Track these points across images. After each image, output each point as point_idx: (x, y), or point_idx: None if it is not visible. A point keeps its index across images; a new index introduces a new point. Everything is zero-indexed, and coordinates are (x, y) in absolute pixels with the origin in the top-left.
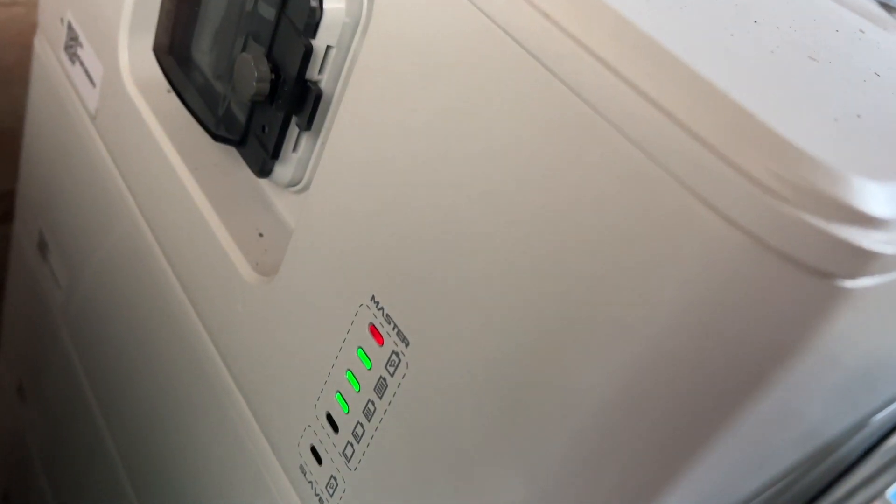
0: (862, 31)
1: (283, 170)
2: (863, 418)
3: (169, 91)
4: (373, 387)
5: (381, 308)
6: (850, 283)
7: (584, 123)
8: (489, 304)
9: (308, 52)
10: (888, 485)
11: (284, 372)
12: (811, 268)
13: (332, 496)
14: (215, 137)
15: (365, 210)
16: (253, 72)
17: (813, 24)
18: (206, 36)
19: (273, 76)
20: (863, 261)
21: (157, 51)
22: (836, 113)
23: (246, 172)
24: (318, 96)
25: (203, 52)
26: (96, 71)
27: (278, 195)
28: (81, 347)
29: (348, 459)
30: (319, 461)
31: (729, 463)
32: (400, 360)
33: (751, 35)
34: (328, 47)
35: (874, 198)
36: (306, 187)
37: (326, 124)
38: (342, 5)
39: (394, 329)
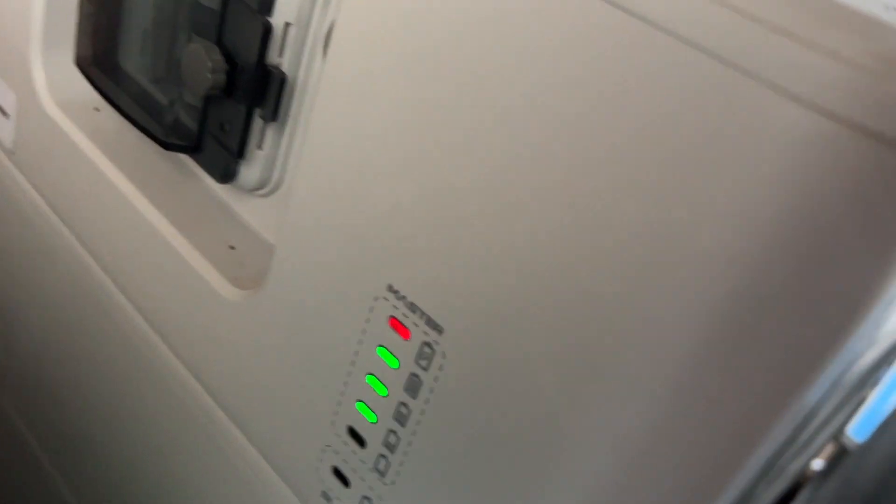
0: None
1: (249, 171)
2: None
3: (97, 109)
4: (403, 387)
5: (403, 297)
6: None
7: (639, 35)
8: (541, 260)
9: (268, 31)
10: (845, 422)
11: (288, 392)
12: None
13: None
14: (166, 146)
15: (367, 194)
16: (206, 62)
17: None
18: (135, 39)
19: (228, 66)
20: None
21: (81, 63)
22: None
23: (201, 183)
24: (283, 81)
25: (134, 58)
26: (7, 100)
27: (242, 202)
28: (32, 420)
29: (383, 474)
30: (346, 483)
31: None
32: (434, 351)
33: None
34: (287, 25)
35: None
36: (275, 189)
37: (293, 112)
38: None
39: (422, 318)
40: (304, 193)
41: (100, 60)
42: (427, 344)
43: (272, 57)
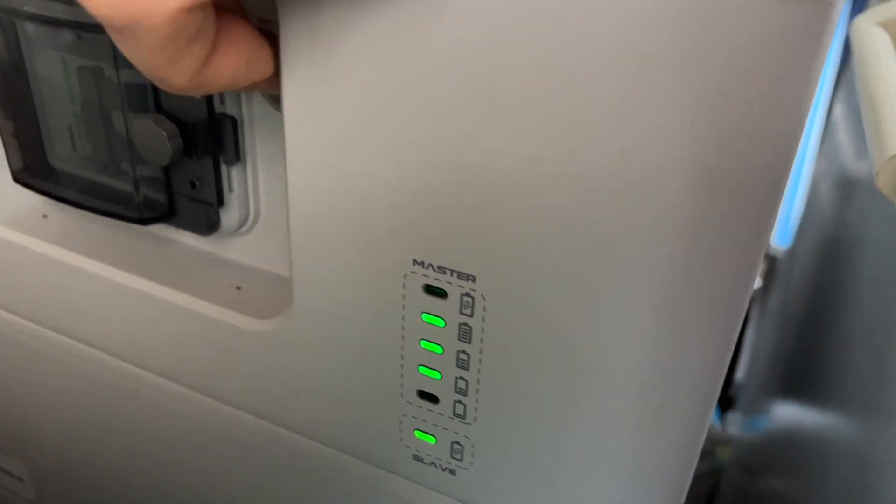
0: None
1: (229, 215)
2: None
3: (45, 216)
4: (456, 337)
5: (430, 265)
6: None
7: None
8: (532, 186)
9: None
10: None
11: (350, 387)
12: None
13: (462, 460)
14: (142, 222)
15: (360, 188)
16: (160, 132)
17: None
18: (63, 138)
19: (179, 130)
20: None
21: (19, 177)
22: None
23: (176, 244)
24: (234, 123)
25: (67, 155)
26: None
27: (224, 246)
28: None
29: (463, 417)
30: (432, 439)
31: None
32: (473, 298)
33: None
34: None
35: None
36: (253, 224)
37: (248, 148)
38: None
39: (452, 275)
40: (300, 207)
41: (36, 169)
42: (465, 294)
43: (216, 105)
